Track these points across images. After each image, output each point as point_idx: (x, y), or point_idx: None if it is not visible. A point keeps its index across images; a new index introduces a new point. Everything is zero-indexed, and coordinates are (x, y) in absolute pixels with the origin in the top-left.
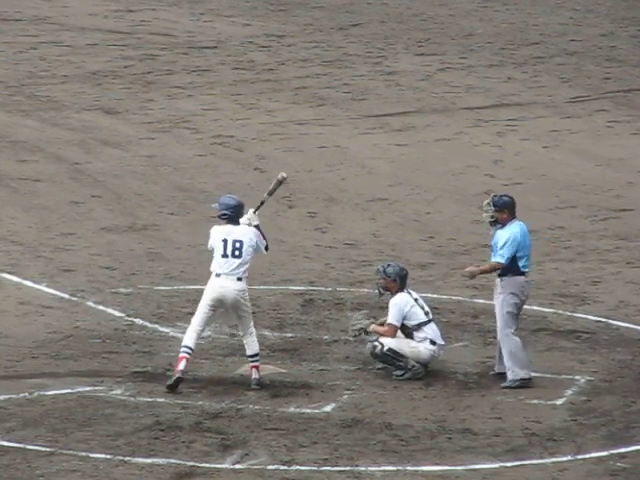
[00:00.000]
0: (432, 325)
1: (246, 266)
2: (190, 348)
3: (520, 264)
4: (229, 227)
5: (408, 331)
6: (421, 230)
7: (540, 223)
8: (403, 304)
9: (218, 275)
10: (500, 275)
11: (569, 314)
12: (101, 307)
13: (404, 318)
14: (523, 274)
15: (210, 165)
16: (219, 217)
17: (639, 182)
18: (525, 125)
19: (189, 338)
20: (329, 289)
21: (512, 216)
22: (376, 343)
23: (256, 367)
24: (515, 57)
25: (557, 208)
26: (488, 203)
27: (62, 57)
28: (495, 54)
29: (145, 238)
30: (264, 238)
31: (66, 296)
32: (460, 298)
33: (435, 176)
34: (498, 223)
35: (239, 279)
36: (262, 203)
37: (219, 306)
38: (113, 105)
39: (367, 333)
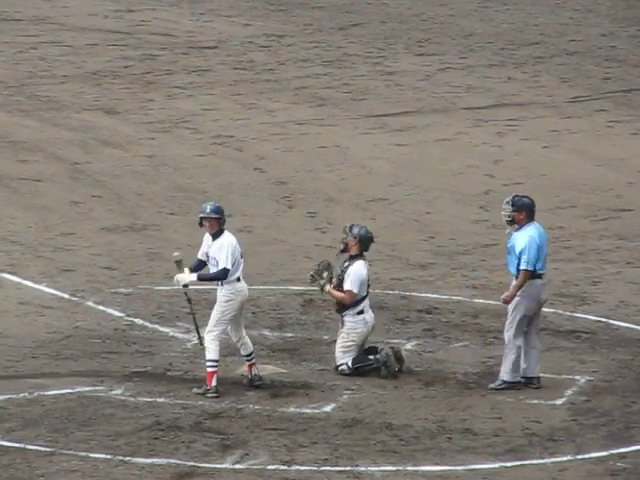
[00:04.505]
0: (366, 299)
1: None
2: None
3: (537, 267)
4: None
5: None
6: (421, 230)
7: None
8: (364, 274)
9: (239, 280)
10: (517, 277)
11: (569, 314)
12: (101, 307)
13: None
14: (540, 277)
15: (210, 165)
16: (224, 223)
17: (639, 182)
18: (525, 125)
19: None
20: None
21: (530, 218)
22: (341, 368)
23: (253, 364)
24: (515, 57)
25: (557, 208)
26: (507, 202)
27: (62, 57)
28: (495, 54)
29: (145, 238)
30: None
31: (66, 296)
32: (460, 298)
33: (435, 176)
34: (514, 223)
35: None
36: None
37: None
38: (113, 105)
39: (322, 291)
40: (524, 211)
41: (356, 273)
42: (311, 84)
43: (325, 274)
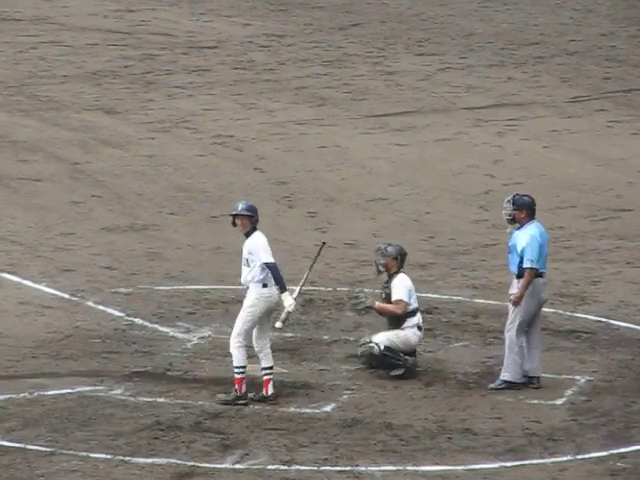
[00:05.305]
0: (418, 312)
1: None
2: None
3: (538, 265)
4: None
5: (402, 317)
6: (421, 230)
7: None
8: (409, 283)
9: (266, 285)
10: (518, 276)
11: (569, 314)
12: (101, 307)
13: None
14: (541, 275)
15: (210, 165)
16: (257, 222)
17: (639, 182)
18: (525, 125)
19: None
20: (329, 289)
21: (530, 217)
22: (372, 344)
23: (271, 379)
24: (515, 57)
25: (557, 208)
26: (508, 201)
27: (62, 57)
28: (495, 54)
29: (145, 238)
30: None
31: (66, 296)
32: (460, 298)
33: (435, 176)
34: (515, 222)
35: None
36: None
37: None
38: (113, 105)
39: (369, 308)
40: (525, 210)
41: (402, 282)
42: (311, 84)
43: (363, 294)
